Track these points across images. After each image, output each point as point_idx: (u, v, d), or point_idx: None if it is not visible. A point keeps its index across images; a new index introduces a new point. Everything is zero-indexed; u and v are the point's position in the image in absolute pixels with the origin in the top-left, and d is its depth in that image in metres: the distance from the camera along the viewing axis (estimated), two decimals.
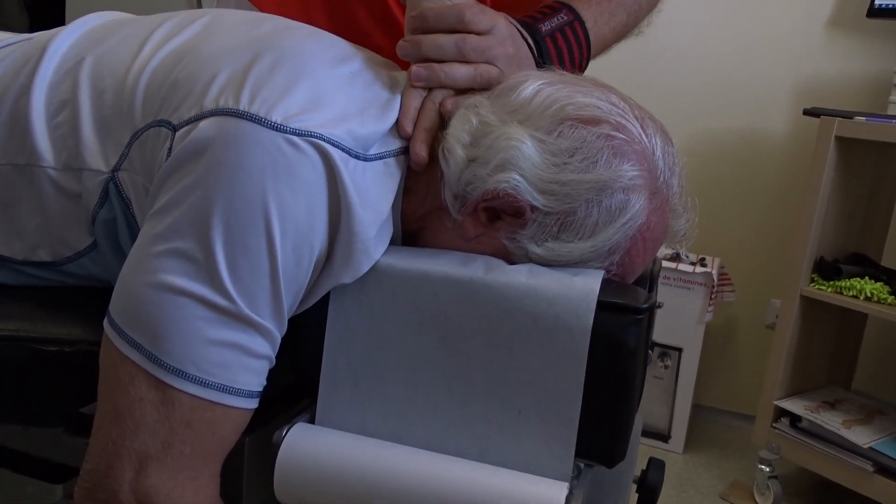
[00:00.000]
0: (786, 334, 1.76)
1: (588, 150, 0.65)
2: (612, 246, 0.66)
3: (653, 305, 0.61)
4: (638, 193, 0.66)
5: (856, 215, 1.81)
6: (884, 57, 1.96)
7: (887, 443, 1.64)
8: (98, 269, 0.76)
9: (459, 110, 0.70)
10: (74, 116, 0.72)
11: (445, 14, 0.72)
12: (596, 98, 0.68)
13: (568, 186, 0.65)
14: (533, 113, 0.67)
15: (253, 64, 0.66)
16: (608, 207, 0.65)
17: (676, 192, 0.70)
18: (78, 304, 0.76)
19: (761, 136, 2.14)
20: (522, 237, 0.67)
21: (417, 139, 0.69)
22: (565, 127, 0.66)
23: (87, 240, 0.74)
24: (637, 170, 0.66)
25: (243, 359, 0.61)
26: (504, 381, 0.63)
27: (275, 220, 0.60)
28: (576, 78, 0.72)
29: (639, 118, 0.68)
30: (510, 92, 0.70)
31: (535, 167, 0.65)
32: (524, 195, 0.65)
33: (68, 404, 0.70)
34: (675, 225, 0.70)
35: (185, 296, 0.60)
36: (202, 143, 0.62)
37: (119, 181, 0.70)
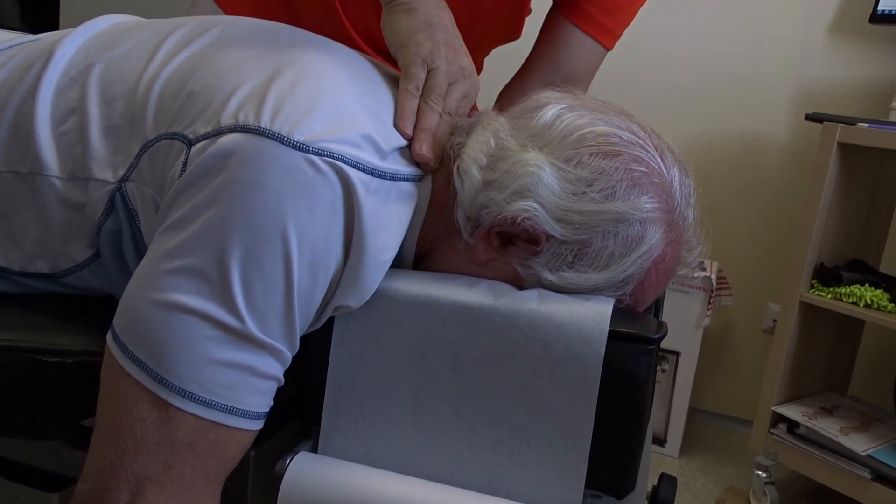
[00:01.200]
0: (784, 340, 1.76)
1: (607, 181, 0.64)
2: (627, 277, 0.66)
3: (664, 335, 0.60)
4: (655, 226, 0.65)
5: (855, 222, 1.81)
6: (886, 63, 1.95)
7: (885, 450, 1.64)
8: (98, 282, 0.75)
9: (478, 129, 0.70)
10: (82, 125, 0.70)
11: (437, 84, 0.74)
12: (616, 127, 0.67)
13: (585, 216, 0.64)
14: (553, 139, 0.66)
15: (274, 79, 0.65)
16: (624, 239, 0.65)
17: (691, 223, 0.69)
18: (80, 313, 0.75)
19: (762, 140, 2.13)
20: (536, 264, 0.66)
21: (421, 140, 0.69)
22: (584, 155, 0.65)
23: (88, 252, 0.73)
24: (655, 202, 0.65)
25: (251, 380, 0.60)
26: (513, 409, 0.62)
27: (293, 241, 0.59)
28: (597, 103, 0.71)
29: (658, 148, 0.68)
30: (530, 115, 0.69)
31: (554, 195, 0.64)
32: (541, 223, 0.64)
33: (69, 417, 0.69)
34: (688, 256, 0.70)
35: (194, 315, 0.58)
36: (220, 159, 0.60)
37: (126, 192, 0.69)
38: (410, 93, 0.72)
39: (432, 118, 0.71)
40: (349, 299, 0.64)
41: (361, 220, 0.61)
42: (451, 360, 0.63)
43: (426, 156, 0.68)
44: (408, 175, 0.67)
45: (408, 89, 0.72)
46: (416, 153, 0.68)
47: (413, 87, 0.72)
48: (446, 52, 0.75)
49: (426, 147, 0.68)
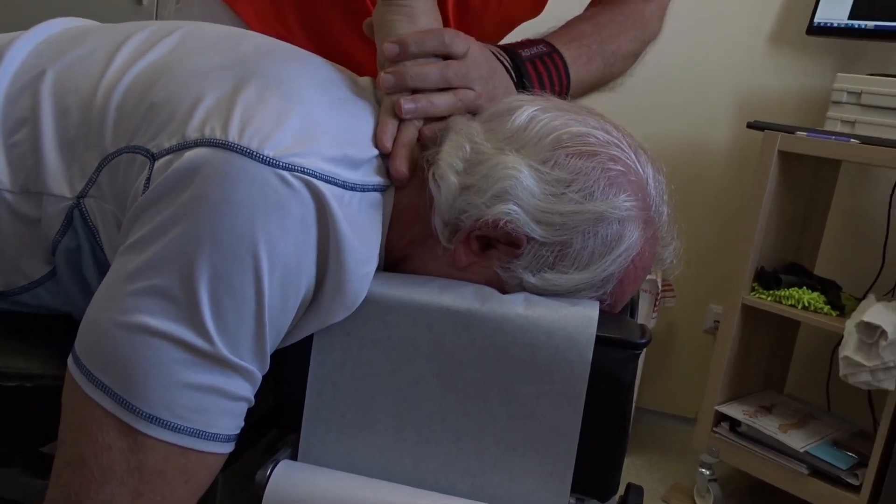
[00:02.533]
0: (727, 341, 1.81)
1: (584, 181, 0.64)
2: (607, 276, 0.66)
3: (650, 340, 0.61)
4: (633, 224, 0.66)
5: (793, 227, 1.88)
6: (822, 73, 2.03)
7: (821, 447, 1.71)
8: (54, 300, 0.71)
9: (451, 136, 0.68)
10: (35, 136, 0.67)
11: (426, 39, 0.71)
12: (591, 127, 0.67)
13: (565, 217, 0.64)
14: (528, 141, 0.66)
15: (239, 90, 0.62)
16: (604, 238, 0.65)
17: (666, 220, 0.70)
18: (35, 334, 0.71)
19: (704, 146, 2.19)
20: (517, 267, 0.66)
21: (398, 155, 0.67)
22: (561, 156, 0.65)
23: (44, 269, 0.69)
24: (632, 200, 0.66)
25: (221, 402, 0.58)
26: (499, 414, 0.62)
27: (263, 259, 0.57)
28: (569, 105, 0.71)
29: (632, 147, 0.68)
30: (504, 118, 0.68)
31: (533, 197, 0.64)
32: (522, 226, 0.64)
33: (27, 443, 0.66)
34: (663, 253, 0.71)
35: (161, 337, 0.56)
36: (186, 174, 0.58)
37: (85, 208, 0.65)
38: (392, 115, 0.69)
39: (411, 133, 0.69)
40: (336, 315, 0.62)
41: (338, 236, 0.60)
42: (437, 365, 0.63)
43: (403, 172, 0.67)
44: (377, 185, 0.66)
45: (389, 108, 0.70)
46: (393, 169, 0.67)
47: (397, 108, 0.69)
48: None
49: (404, 163, 0.67)
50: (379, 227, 0.65)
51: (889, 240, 1.93)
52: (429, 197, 0.67)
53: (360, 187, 0.63)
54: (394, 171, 0.66)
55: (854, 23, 1.85)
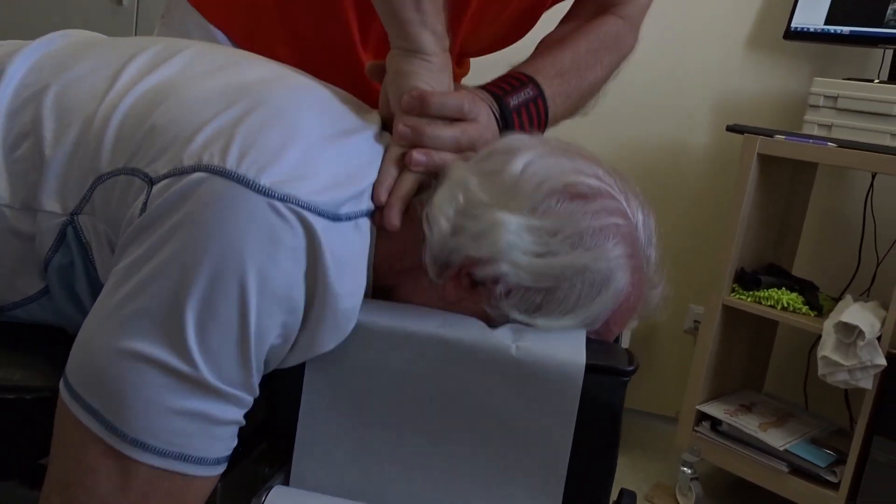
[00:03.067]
0: (707, 341, 1.84)
1: (573, 229, 0.65)
2: (594, 319, 0.67)
3: (637, 367, 0.63)
4: (621, 271, 0.67)
5: (771, 228, 1.91)
6: (799, 77, 2.06)
7: (800, 445, 1.74)
8: (48, 316, 0.72)
9: (446, 182, 0.69)
10: (37, 151, 0.67)
11: (448, 104, 0.72)
12: (583, 175, 0.68)
13: (553, 267, 0.65)
14: (521, 191, 0.67)
15: (242, 119, 0.63)
16: (591, 284, 0.66)
17: (654, 263, 0.71)
18: (33, 345, 0.72)
19: (684, 147, 2.22)
20: (504, 306, 0.66)
21: (393, 207, 0.68)
22: (551, 204, 0.66)
23: (38, 285, 0.69)
24: (621, 248, 0.67)
25: (208, 427, 0.59)
26: (491, 442, 0.63)
27: (251, 287, 0.57)
28: (562, 147, 0.72)
29: (623, 192, 0.69)
30: (500, 163, 0.69)
31: (525, 254, 0.65)
32: (511, 279, 0.65)
33: (26, 455, 0.66)
34: (650, 294, 0.72)
35: (147, 362, 0.57)
36: (180, 198, 0.58)
37: (79, 225, 0.66)
38: (396, 166, 0.70)
39: (410, 183, 0.69)
40: (325, 344, 0.63)
41: (326, 269, 0.60)
42: (429, 392, 0.64)
43: (396, 225, 0.67)
44: (366, 211, 0.66)
45: (394, 160, 0.70)
46: (386, 220, 0.67)
47: (400, 159, 0.71)
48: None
49: (398, 217, 0.67)
50: (366, 256, 0.66)
51: (864, 241, 1.97)
52: (421, 233, 0.68)
53: (345, 217, 0.63)
54: (387, 223, 0.67)
55: (830, 28, 1.88)
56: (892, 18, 1.78)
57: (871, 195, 1.93)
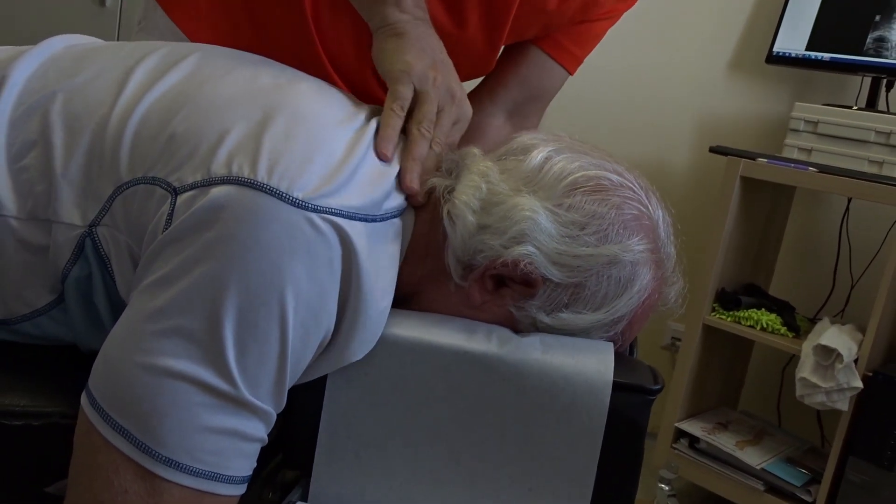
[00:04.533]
0: (687, 360, 1.86)
1: (599, 224, 0.66)
2: (619, 317, 0.68)
3: (663, 386, 0.63)
4: (645, 266, 0.68)
5: (751, 249, 1.94)
6: (780, 100, 2.10)
7: (776, 464, 1.77)
8: (58, 329, 0.69)
9: (466, 174, 0.69)
10: (46, 161, 0.65)
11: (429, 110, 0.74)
12: (605, 170, 0.69)
13: (580, 259, 0.65)
14: (545, 183, 0.67)
15: (265, 126, 0.62)
16: (617, 280, 0.67)
17: (672, 259, 0.72)
18: (36, 367, 0.69)
19: (665, 169, 2.25)
20: (531, 306, 0.67)
21: (410, 170, 0.68)
22: (576, 199, 0.66)
23: (48, 297, 0.67)
24: (645, 243, 0.68)
25: (239, 444, 0.58)
26: (515, 457, 0.63)
27: (289, 302, 0.57)
28: (580, 144, 0.72)
29: (644, 189, 0.70)
30: (519, 158, 0.70)
31: (551, 239, 0.65)
32: (539, 268, 0.65)
33: (31, 483, 0.64)
34: (669, 292, 0.73)
35: (184, 380, 0.55)
36: (212, 212, 0.57)
37: (98, 237, 0.64)
38: (395, 112, 0.71)
39: (423, 147, 0.70)
40: (354, 353, 0.62)
41: (361, 275, 0.60)
42: (453, 407, 0.63)
43: (416, 188, 0.67)
44: (396, 209, 0.66)
45: (392, 108, 0.71)
46: (406, 185, 0.67)
47: (398, 107, 0.72)
48: (434, 75, 0.75)
49: (416, 179, 0.68)
50: (397, 256, 0.66)
51: (839, 263, 2.01)
52: (442, 233, 0.68)
53: (379, 217, 0.63)
54: (405, 187, 0.67)
55: (811, 54, 1.92)
56: (871, 47, 1.83)
57: (847, 219, 1.98)
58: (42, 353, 0.70)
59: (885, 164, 1.72)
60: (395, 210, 0.66)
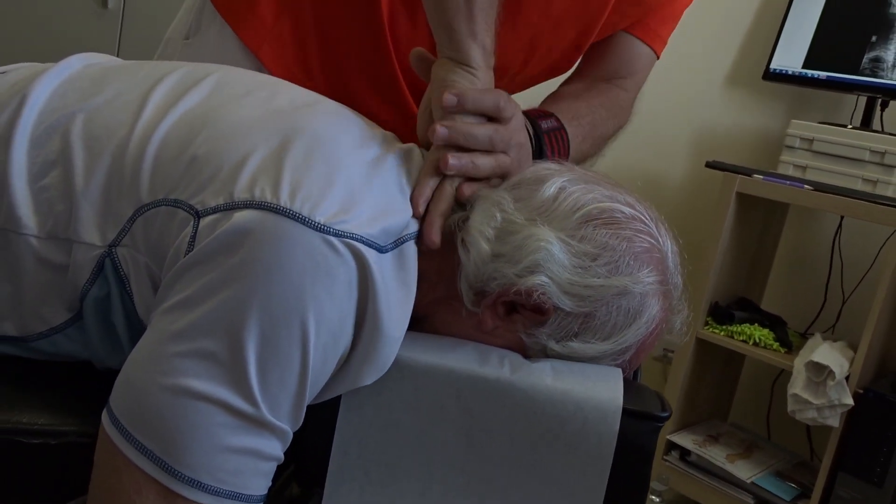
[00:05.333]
0: (680, 373, 1.88)
1: (611, 255, 0.67)
2: (627, 346, 0.69)
3: (670, 414, 0.64)
4: (654, 297, 0.69)
5: (744, 263, 1.96)
6: (776, 117, 2.13)
7: (766, 478, 1.79)
8: (74, 347, 0.69)
9: (481, 203, 0.70)
10: (66, 181, 0.65)
11: (484, 100, 0.73)
12: (616, 202, 0.70)
13: (591, 289, 0.66)
14: (558, 214, 0.68)
15: (285, 150, 0.63)
16: (627, 311, 0.67)
17: (680, 290, 0.73)
18: (52, 385, 0.69)
19: (661, 182, 2.27)
20: (541, 334, 0.68)
21: (433, 224, 0.68)
22: (589, 230, 0.67)
23: (65, 315, 0.67)
24: (654, 275, 0.69)
25: (258, 464, 0.59)
26: (525, 481, 0.64)
27: (311, 325, 0.57)
28: (593, 175, 0.73)
29: (654, 220, 0.71)
30: (533, 188, 0.70)
31: (564, 270, 0.66)
32: (552, 297, 0.66)
33: (48, 502, 0.64)
34: (675, 321, 0.74)
35: (206, 401, 0.56)
36: (237, 236, 0.58)
37: (118, 257, 0.64)
38: (433, 176, 0.70)
39: (447, 202, 0.70)
40: (367, 377, 0.63)
41: (377, 301, 0.60)
42: (465, 430, 0.64)
43: (435, 242, 0.68)
44: (409, 236, 0.67)
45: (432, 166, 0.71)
46: (426, 237, 0.67)
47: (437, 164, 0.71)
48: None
49: (436, 232, 0.68)
50: (413, 283, 0.66)
51: (831, 279, 2.03)
52: (456, 260, 0.68)
53: (393, 244, 0.64)
54: (427, 241, 0.67)
55: (807, 72, 1.94)
56: (867, 67, 1.85)
57: (840, 236, 2.00)
58: (58, 371, 0.71)
59: (878, 183, 1.74)
60: (408, 237, 0.66)
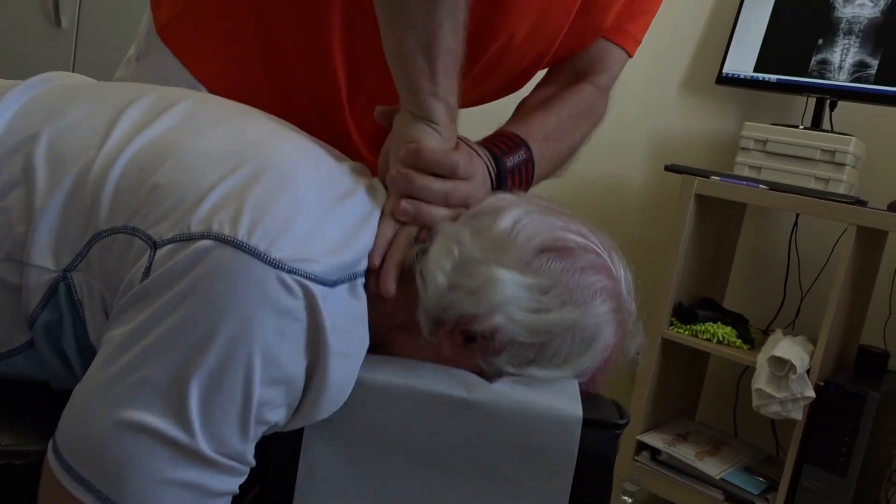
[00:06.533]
0: (648, 373, 1.91)
1: (565, 286, 0.68)
2: (582, 371, 0.70)
3: (628, 421, 0.66)
4: (608, 325, 0.70)
5: (705, 264, 2.00)
6: (730, 120, 2.18)
7: (734, 473, 1.82)
8: (33, 370, 0.69)
9: (439, 237, 0.70)
10: (27, 202, 0.65)
11: (441, 162, 0.74)
12: (570, 232, 0.71)
13: (546, 323, 0.67)
14: (513, 247, 0.69)
15: (251, 185, 0.63)
16: (581, 340, 0.69)
17: (634, 316, 0.75)
18: (13, 405, 0.69)
19: (620, 186, 2.30)
20: (498, 361, 0.68)
21: (388, 274, 0.69)
22: (542, 261, 0.68)
23: (23, 338, 0.67)
24: (608, 304, 0.70)
25: (202, 499, 0.59)
26: (490, 495, 0.65)
27: (257, 362, 0.58)
28: (548, 205, 0.75)
29: (607, 249, 0.73)
30: (489, 220, 0.71)
31: (520, 309, 0.67)
32: (508, 333, 0.67)
33: None
34: (630, 345, 0.75)
35: (147, 434, 0.56)
36: (188, 266, 0.58)
37: (72, 282, 0.64)
38: (391, 223, 0.71)
39: (402, 251, 0.70)
40: (323, 412, 0.63)
41: (326, 337, 0.60)
42: (429, 449, 0.65)
43: (390, 290, 0.68)
44: (361, 272, 0.67)
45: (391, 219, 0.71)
46: (382, 286, 0.68)
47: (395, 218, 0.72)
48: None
49: (392, 284, 0.68)
50: (365, 317, 0.66)
51: (789, 276, 2.08)
52: (413, 291, 0.69)
53: (346, 279, 0.64)
54: (382, 289, 0.68)
55: (758, 75, 1.99)
56: (815, 69, 1.91)
57: (796, 233, 2.05)
58: (21, 390, 0.70)
59: (830, 181, 1.79)
60: (357, 273, 0.66)
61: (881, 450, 1.81)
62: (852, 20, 1.87)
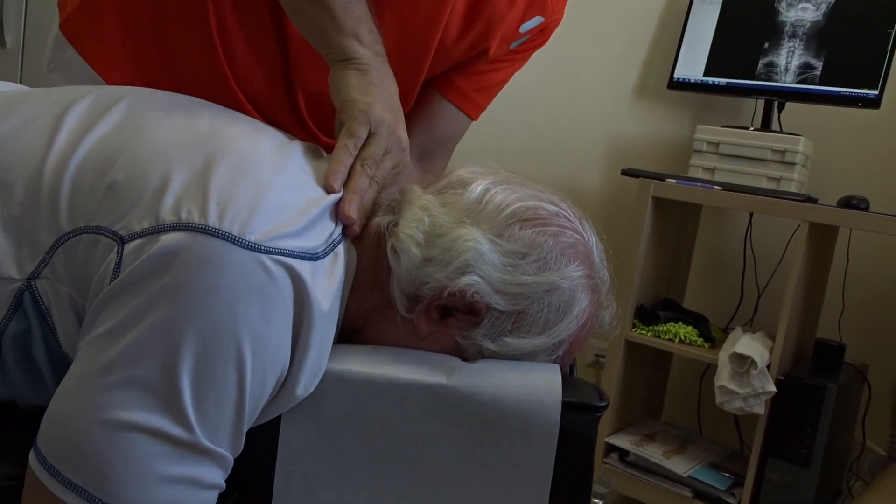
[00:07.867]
0: (613, 375, 1.93)
1: (539, 252, 0.69)
2: (560, 340, 0.71)
3: (608, 403, 0.66)
4: (582, 291, 0.71)
5: (664, 265, 2.03)
6: (683, 124, 2.22)
7: (701, 470, 1.84)
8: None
9: (409, 207, 0.71)
10: None
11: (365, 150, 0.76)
12: (540, 200, 0.72)
13: (522, 287, 0.68)
14: (485, 215, 0.69)
15: (209, 170, 0.62)
16: (557, 306, 0.69)
17: (607, 285, 0.75)
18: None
19: (578, 190, 2.33)
20: (476, 334, 0.69)
21: (348, 200, 0.69)
22: (515, 229, 0.69)
23: None
24: (582, 269, 0.71)
25: (198, 493, 0.58)
26: (472, 481, 0.65)
27: (247, 348, 0.57)
28: (516, 176, 0.75)
29: (577, 217, 0.74)
30: (459, 191, 0.72)
31: (494, 269, 0.67)
32: (484, 296, 0.67)
33: None
34: (604, 316, 0.76)
35: (140, 431, 0.55)
36: (164, 259, 0.57)
37: (37, 290, 0.62)
38: (348, 149, 0.73)
39: (363, 182, 0.72)
40: (305, 388, 0.63)
41: (311, 311, 0.60)
42: (409, 438, 0.64)
43: (353, 217, 0.68)
44: (337, 240, 0.66)
45: (346, 145, 0.73)
46: (342, 213, 0.68)
47: (352, 145, 0.73)
48: (390, 120, 0.77)
49: (354, 208, 0.69)
50: (342, 283, 0.66)
51: (746, 274, 2.12)
52: (386, 267, 0.69)
53: (322, 252, 0.64)
54: (342, 215, 0.68)
55: (708, 79, 2.04)
56: (762, 72, 1.96)
57: (751, 232, 2.10)
58: None
59: (782, 180, 1.84)
60: (336, 241, 0.66)
61: (842, 440, 1.85)
62: (796, 24, 1.93)
